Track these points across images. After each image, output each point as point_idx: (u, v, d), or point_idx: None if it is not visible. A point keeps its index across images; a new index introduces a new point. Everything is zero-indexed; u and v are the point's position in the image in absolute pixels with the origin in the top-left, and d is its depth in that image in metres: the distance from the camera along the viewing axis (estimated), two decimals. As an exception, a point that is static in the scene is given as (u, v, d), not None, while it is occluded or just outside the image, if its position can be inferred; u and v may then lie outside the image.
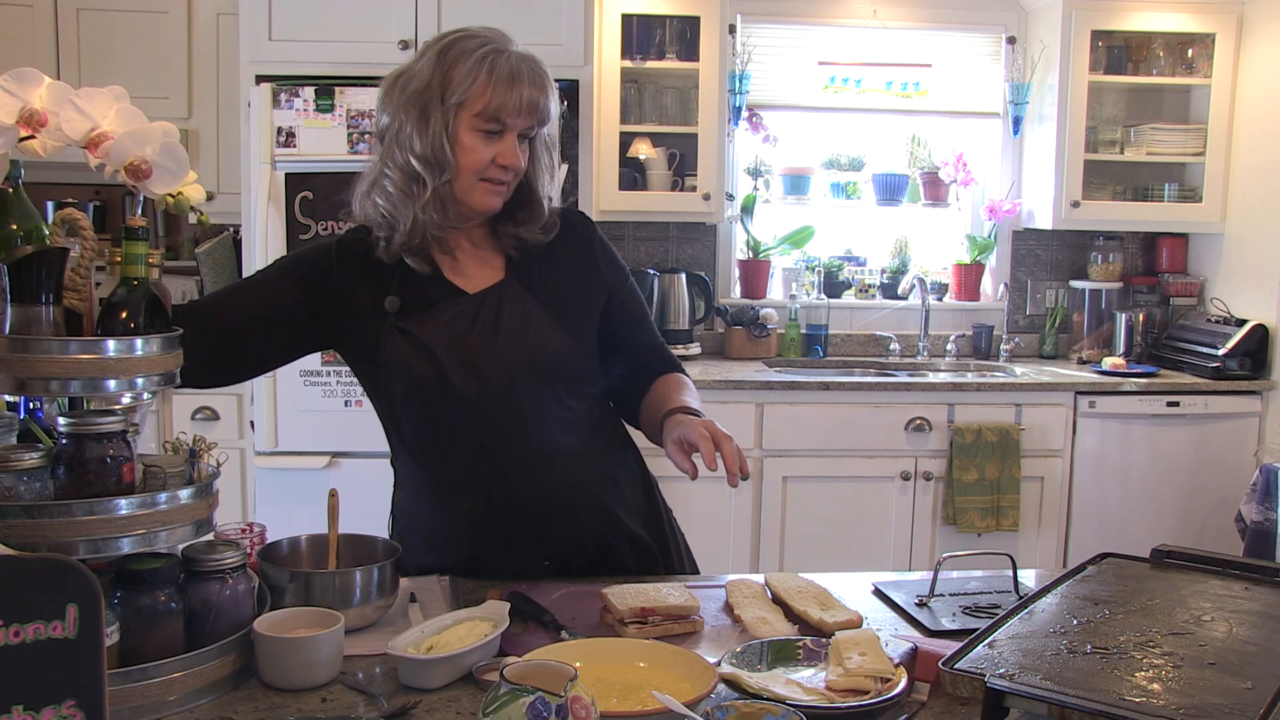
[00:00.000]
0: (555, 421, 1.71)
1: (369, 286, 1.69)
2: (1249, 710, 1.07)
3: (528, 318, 1.70)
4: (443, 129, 1.62)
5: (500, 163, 1.63)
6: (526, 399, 1.68)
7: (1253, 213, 4.10)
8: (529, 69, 1.63)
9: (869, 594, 1.70)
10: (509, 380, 1.67)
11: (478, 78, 1.61)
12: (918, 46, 4.38)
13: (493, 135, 1.63)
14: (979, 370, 4.25)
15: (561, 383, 1.72)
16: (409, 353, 1.65)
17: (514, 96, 1.61)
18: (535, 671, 1.08)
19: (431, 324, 1.67)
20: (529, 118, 1.63)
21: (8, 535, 1.20)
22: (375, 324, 1.67)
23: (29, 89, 1.35)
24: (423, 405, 1.67)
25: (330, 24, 3.45)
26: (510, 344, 1.68)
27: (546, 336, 1.70)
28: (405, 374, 1.65)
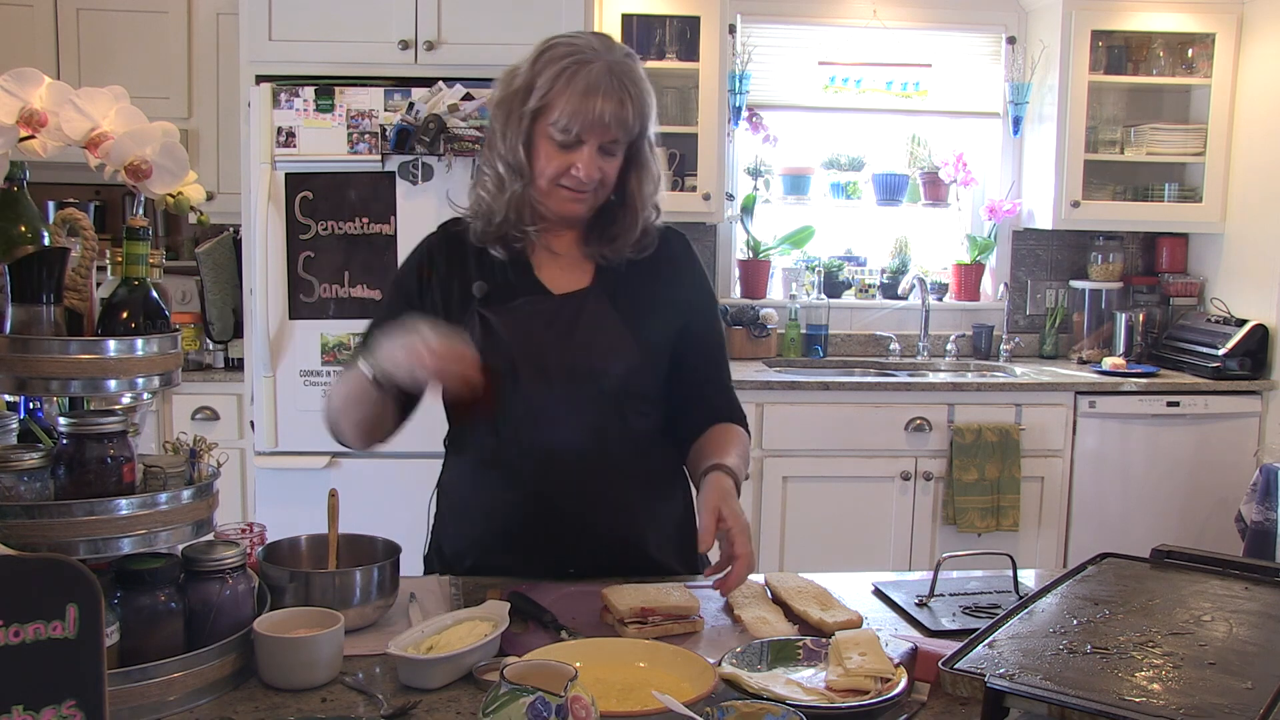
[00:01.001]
0: (610, 436, 1.71)
1: (462, 272, 1.72)
2: (1249, 710, 1.07)
3: (605, 328, 1.70)
4: (520, 134, 1.63)
5: (573, 173, 1.63)
6: (587, 408, 1.69)
7: (1253, 213, 4.10)
8: (610, 82, 1.59)
9: (869, 594, 1.70)
10: (573, 386, 1.67)
11: (555, 86, 1.59)
12: (918, 46, 4.38)
13: (569, 145, 1.62)
14: (979, 370, 4.25)
15: (626, 398, 1.72)
16: (483, 339, 1.66)
17: (587, 110, 1.58)
18: (535, 671, 1.08)
19: (511, 316, 1.68)
20: (604, 132, 1.61)
21: (8, 535, 1.20)
22: (462, 307, 1.70)
23: (29, 89, 1.35)
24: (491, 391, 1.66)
25: (330, 24, 3.45)
26: (581, 351, 1.68)
27: (620, 350, 1.70)
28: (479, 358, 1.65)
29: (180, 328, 1.52)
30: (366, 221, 3.35)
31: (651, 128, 1.69)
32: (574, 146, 1.62)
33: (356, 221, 3.35)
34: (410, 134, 3.25)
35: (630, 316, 1.72)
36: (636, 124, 1.64)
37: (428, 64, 3.45)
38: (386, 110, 3.29)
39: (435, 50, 3.46)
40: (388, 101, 3.30)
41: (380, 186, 3.34)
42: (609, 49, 1.63)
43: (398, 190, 3.34)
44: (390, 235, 3.35)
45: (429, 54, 3.46)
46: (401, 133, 3.25)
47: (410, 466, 3.44)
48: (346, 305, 3.37)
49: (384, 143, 3.29)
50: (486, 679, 1.31)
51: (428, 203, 3.34)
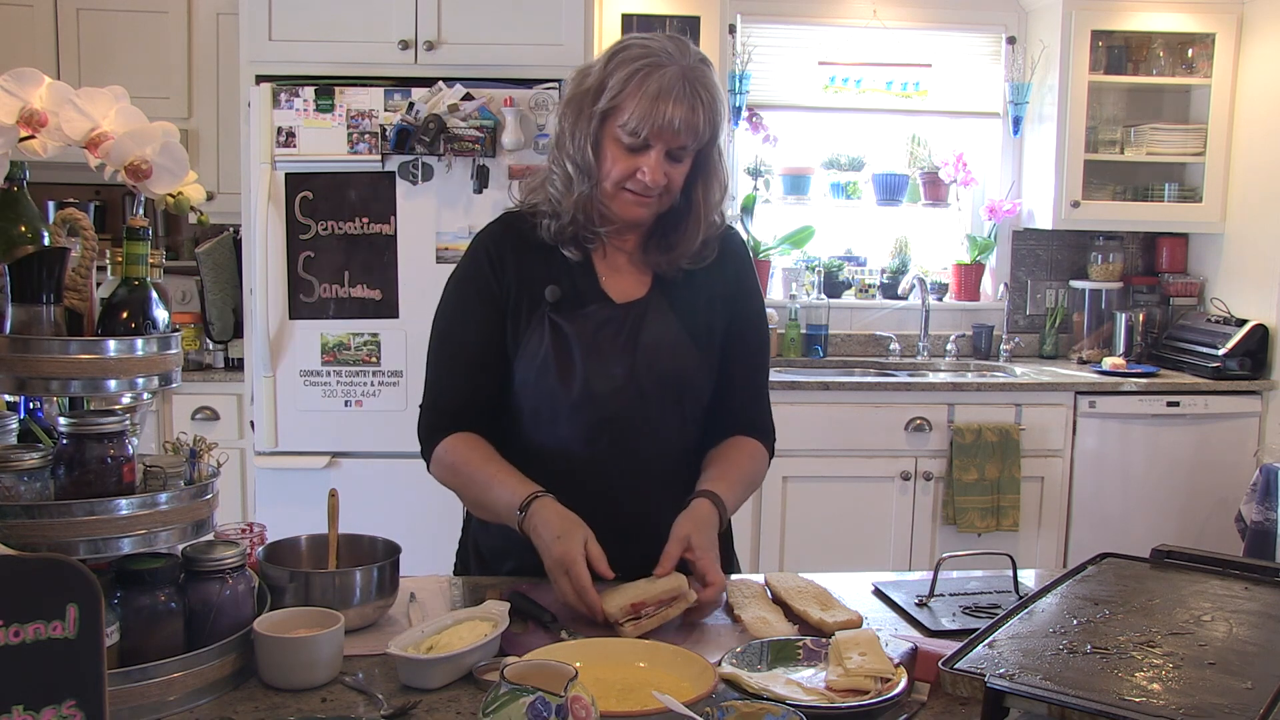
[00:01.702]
0: (668, 443, 1.74)
1: (530, 270, 1.71)
2: (1249, 710, 1.07)
3: (668, 336, 1.71)
4: (588, 134, 1.62)
5: (639, 177, 1.62)
6: (653, 414, 1.71)
7: (1253, 213, 4.10)
8: (683, 87, 1.57)
9: (869, 594, 1.70)
10: (640, 394, 1.69)
11: (626, 88, 1.58)
12: (918, 46, 4.37)
13: (637, 149, 1.61)
14: (979, 370, 4.25)
15: (687, 405, 1.74)
16: (553, 345, 1.66)
17: (657, 114, 1.57)
18: (535, 671, 1.08)
19: (581, 324, 1.68)
20: (673, 137, 1.59)
21: (8, 535, 1.20)
22: (530, 306, 1.69)
23: (29, 89, 1.35)
24: (550, 397, 1.68)
25: (330, 24, 3.45)
26: (648, 360, 1.69)
27: (684, 358, 1.71)
28: (544, 364, 1.67)
29: (180, 328, 1.52)
30: (366, 221, 3.35)
31: (722, 136, 1.68)
32: (641, 150, 1.60)
33: (356, 221, 3.35)
34: (410, 134, 3.25)
35: (690, 323, 1.73)
36: (707, 131, 1.62)
37: (428, 64, 3.45)
38: (386, 110, 3.29)
39: (435, 50, 3.46)
40: (388, 101, 3.30)
41: (380, 186, 3.34)
42: (683, 54, 1.61)
43: (398, 190, 3.34)
44: (390, 235, 3.35)
45: (429, 54, 3.46)
46: (401, 133, 3.25)
47: (410, 466, 3.44)
48: (346, 305, 3.37)
49: (384, 143, 3.29)
50: (487, 679, 1.31)
51: (428, 203, 3.34)
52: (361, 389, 3.40)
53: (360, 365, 3.39)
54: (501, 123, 3.28)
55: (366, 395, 3.40)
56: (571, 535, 1.51)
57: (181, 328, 3.55)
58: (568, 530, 1.52)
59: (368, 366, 3.39)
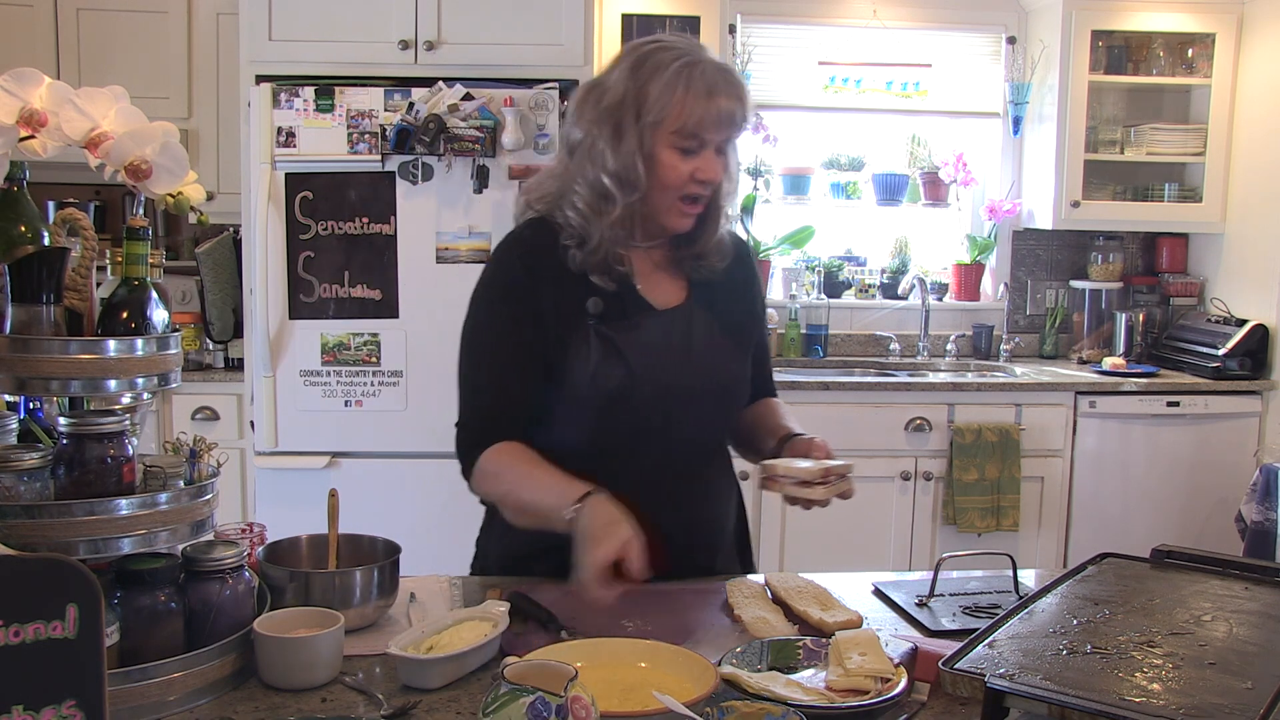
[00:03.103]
0: (712, 446, 1.77)
1: (565, 281, 1.66)
2: (1249, 710, 1.07)
3: (715, 342, 1.71)
4: (637, 147, 1.59)
5: (699, 177, 1.61)
6: (703, 420, 1.72)
7: (1253, 213, 4.10)
8: (725, 79, 1.58)
9: (869, 594, 1.70)
10: (691, 401, 1.68)
11: (674, 94, 1.56)
12: (918, 46, 4.37)
13: (692, 151, 1.60)
14: (979, 370, 4.24)
15: (733, 409, 1.76)
16: (603, 358, 1.64)
17: (712, 110, 1.57)
18: (535, 671, 1.08)
19: (631, 335, 1.65)
20: (727, 129, 1.60)
21: (8, 535, 1.20)
22: (570, 320, 1.65)
23: (29, 89, 1.35)
24: (598, 410, 1.65)
25: (330, 24, 3.45)
26: (702, 367, 1.69)
27: (732, 364, 1.73)
28: (594, 377, 1.63)
29: (180, 328, 1.52)
30: (366, 221, 3.35)
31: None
32: (697, 151, 1.60)
33: (356, 221, 3.35)
34: (410, 134, 3.25)
35: (728, 326, 1.74)
36: (749, 116, 1.63)
37: (428, 64, 3.45)
38: (386, 110, 3.29)
39: (435, 50, 3.46)
40: (388, 101, 3.30)
41: (380, 186, 3.34)
42: (701, 46, 1.62)
43: (398, 190, 3.34)
44: (390, 235, 3.35)
45: (429, 54, 3.46)
46: (401, 133, 3.25)
47: (411, 466, 3.45)
48: (346, 305, 3.37)
49: (384, 143, 3.29)
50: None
51: (428, 203, 3.34)
52: (361, 389, 3.40)
53: (360, 365, 3.39)
54: (501, 123, 3.28)
55: (366, 395, 3.40)
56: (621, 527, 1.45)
57: (181, 328, 3.55)
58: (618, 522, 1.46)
59: (368, 366, 3.39)
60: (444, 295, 3.38)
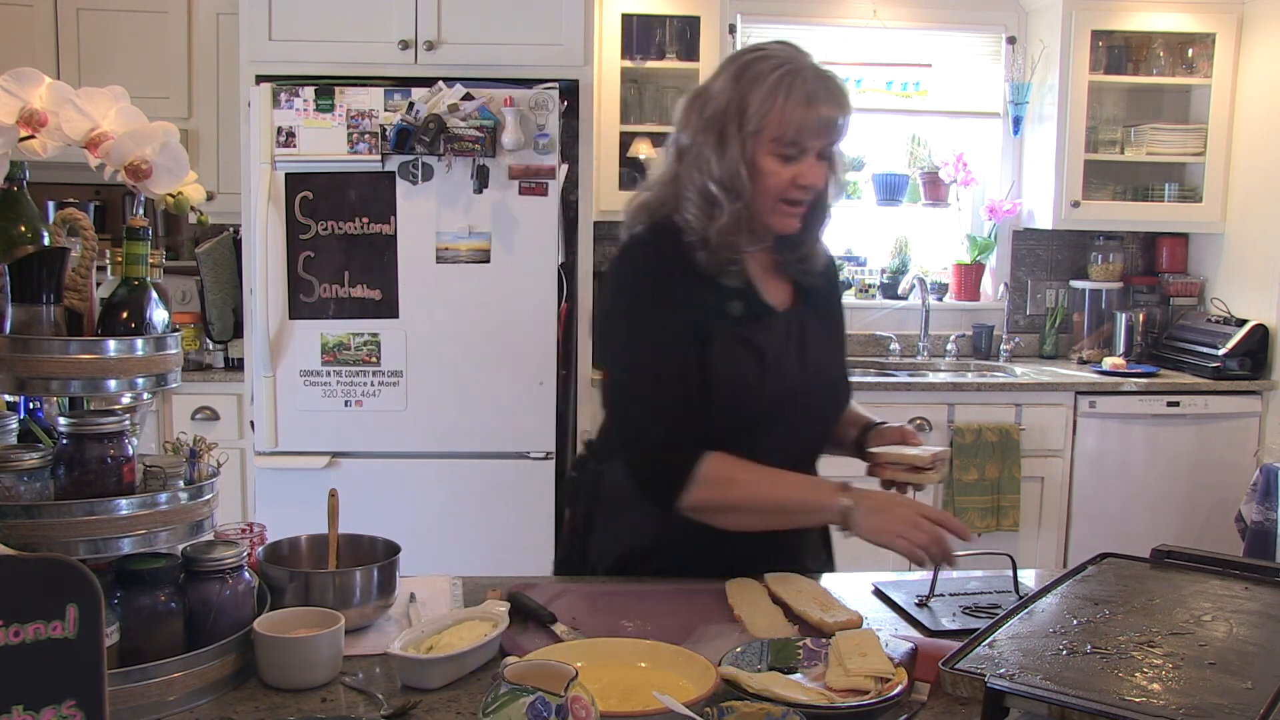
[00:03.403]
0: (824, 443, 1.83)
1: (701, 281, 1.68)
2: (1249, 710, 1.07)
3: (825, 344, 1.77)
4: (740, 155, 1.62)
5: (801, 183, 1.64)
6: (824, 418, 1.79)
7: (1253, 213, 4.10)
8: (825, 86, 1.61)
9: (869, 594, 1.70)
10: (809, 401, 1.73)
11: (774, 103, 1.59)
12: (918, 46, 4.37)
13: (793, 157, 1.63)
14: (979, 370, 4.24)
15: (843, 407, 1.82)
16: (743, 357, 1.67)
17: (812, 118, 1.60)
18: (535, 671, 1.08)
19: (764, 336, 1.70)
20: (827, 137, 1.63)
21: (8, 535, 1.21)
22: (708, 320, 1.67)
23: (29, 89, 1.35)
24: (731, 407, 1.68)
25: (330, 24, 3.45)
26: (817, 367, 1.74)
27: (838, 364, 1.82)
28: (732, 376, 1.66)
29: (180, 328, 1.52)
30: (366, 221, 3.35)
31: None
32: (798, 157, 1.63)
33: (356, 221, 3.35)
34: (410, 134, 3.24)
35: (832, 329, 1.80)
36: (850, 122, 1.66)
37: (428, 64, 3.45)
38: (386, 110, 3.29)
39: (435, 50, 3.46)
40: (388, 101, 3.30)
41: (380, 186, 3.34)
42: (803, 54, 1.65)
43: (398, 190, 3.34)
44: (390, 235, 3.35)
45: (429, 54, 3.46)
46: (401, 133, 3.25)
47: (411, 466, 3.45)
48: (346, 305, 3.37)
49: (384, 143, 3.29)
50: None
51: (428, 203, 3.34)
52: (361, 389, 3.40)
53: (360, 365, 3.39)
54: (501, 123, 3.28)
55: (366, 395, 3.40)
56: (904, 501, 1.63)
57: (181, 328, 3.55)
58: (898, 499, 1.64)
59: (368, 366, 3.39)
60: (444, 295, 3.38)
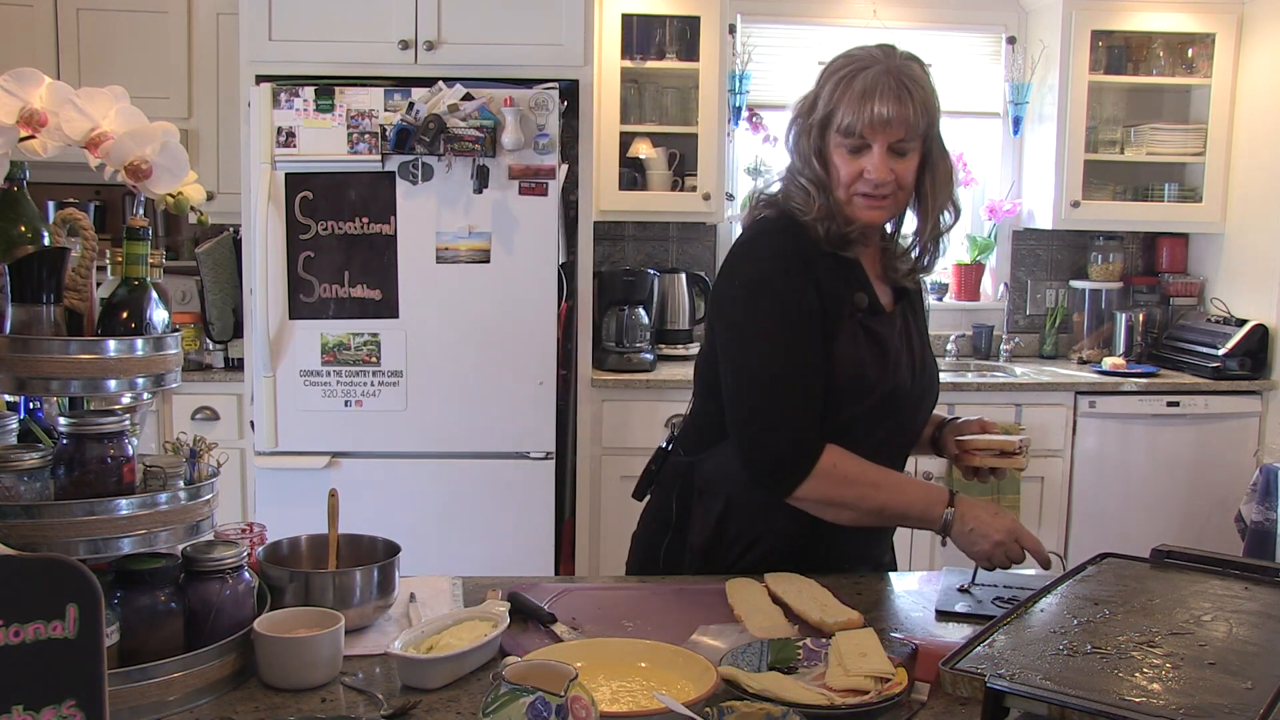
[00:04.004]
0: (914, 443, 1.90)
1: (828, 275, 1.72)
2: (1249, 710, 1.07)
3: (926, 344, 1.85)
4: (811, 146, 1.70)
5: (867, 175, 1.66)
6: (924, 414, 1.86)
7: (1253, 213, 4.10)
8: (888, 81, 1.65)
9: (868, 594, 1.70)
10: (921, 396, 1.81)
11: (835, 93, 1.67)
12: (918, 46, 4.34)
13: (858, 150, 1.67)
14: (979, 370, 4.24)
15: (933, 408, 1.88)
16: (868, 350, 1.71)
17: (865, 112, 1.64)
18: (535, 671, 1.08)
19: (888, 330, 1.75)
20: (887, 130, 1.64)
21: (8, 535, 1.21)
22: (837, 311, 1.71)
23: (29, 89, 1.35)
24: (851, 399, 1.70)
25: (330, 24, 3.45)
26: (922, 368, 1.80)
27: (934, 364, 1.87)
28: (858, 368, 1.69)
29: (180, 328, 1.52)
30: (366, 221, 3.35)
31: (939, 128, 1.75)
32: (863, 150, 1.67)
33: (356, 221, 3.35)
34: (410, 134, 3.24)
35: (924, 330, 1.87)
36: (921, 121, 1.67)
37: (428, 64, 3.45)
38: (386, 110, 3.29)
39: (435, 50, 3.46)
40: (388, 101, 3.30)
41: (380, 186, 3.34)
42: (889, 55, 1.69)
43: (398, 190, 3.34)
44: (390, 235, 3.35)
45: (429, 54, 3.46)
46: (401, 133, 3.25)
47: (411, 466, 3.45)
48: (346, 305, 3.37)
49: (384, 143, 3.29)
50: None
51: (428, 203, 3.34)
52: (361, 389, 3.40)
53: (360, 365, 3.39)
54: (501, 123, 3.28)
55: (366, 395, 3.40)
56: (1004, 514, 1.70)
57: (181, 328, 3.54)
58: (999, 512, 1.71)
59: (368, 366, 3.39)
60: (444, 295, 3.38)
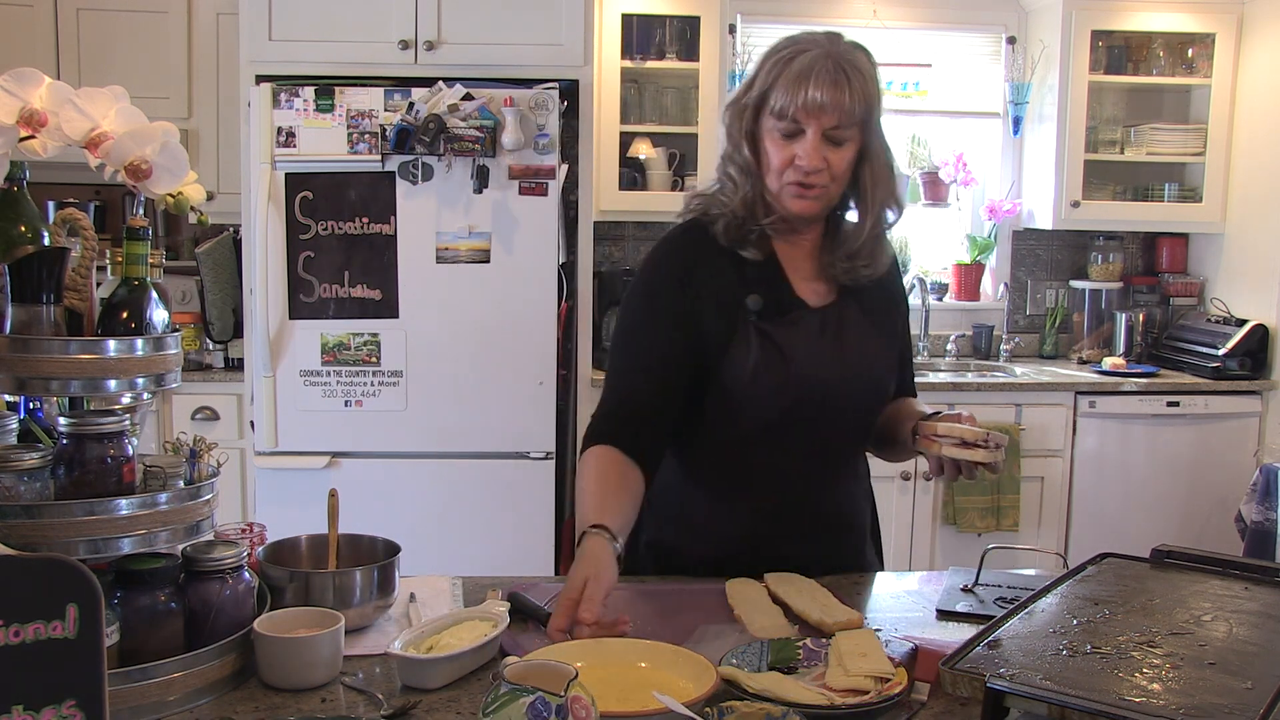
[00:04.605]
0: (861, 442, 1.83)
1: (722, 279, 1.69)
2: (1249, 710, 1.07)
3: (867, 339, 1.74)
4: (743, 129, 1.66)
5: (798, 163, 1.62)
6: (857, 417, 1.77)
7: (1253, 213, 4.10)
8: (826, 65, 1.60)
9: (866, 594, 1.70)
10: (847, 396, 1.72)
11: (772, 76, 1.63)
12: (918, 46, 4.37)
13: (791, 135, 1.62)
14: (979, 370, 4.24)
15: (879, 407, 1.79)
16: (763, 352, 1.66)
17: (800, 94, 1.59)
18: (535, 671, 1.08)
19: (789, 331, 1.69)
20: (822, 115, 1.60)
21: (8, 535, 1.21)
22: (729, 314, 1.68)
23: (29, 89, 1.35)
24: (760, 403, 1.68)
25: (330, 24, 3.45)
26: (856, 364, 1.72)
27: (883, 360, 1.77)
28: (755, 371, 1.66)
29: (180, 328, 1.52)
30: (366, 221, 3.35)
31: (878, 118, 1.68)
32: (796, 135, 1.62)
33: (356, 221, 3.35)
34: (410, 134, 3.25)
35: (880, 326, 1.77)
36: (858, 108, 1.62)
37: (428, 64, 3.45)
38: (386, 110, 3.29)
39: (435, 50, 3.46)
40: (388, 101, 3.30)
41: (380, 186, 3.34)
42: (833, 41, 1.66)
43: (398, 190, 3.34)
44: (390, 235, 3.35)
45: (429, 54, 3.46)
46: (401, 133, 3.25)
47: (411, 466, 3.45)
48: (346, 305, 3.37)
49: (384, 143, 3.29)
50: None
51: (428, 203, 3.34)
52: (361, 389, 3.40)
53: (360, 365, 3.39)
54: (501, 123, 3.28)
55: (366, 395, 3.40)
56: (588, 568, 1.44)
57: (181, 328, 3.54)
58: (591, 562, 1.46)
59: (368, 366, 3.39)
60: (444, 295, 3.38)
